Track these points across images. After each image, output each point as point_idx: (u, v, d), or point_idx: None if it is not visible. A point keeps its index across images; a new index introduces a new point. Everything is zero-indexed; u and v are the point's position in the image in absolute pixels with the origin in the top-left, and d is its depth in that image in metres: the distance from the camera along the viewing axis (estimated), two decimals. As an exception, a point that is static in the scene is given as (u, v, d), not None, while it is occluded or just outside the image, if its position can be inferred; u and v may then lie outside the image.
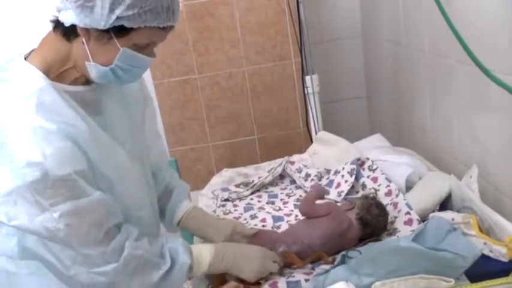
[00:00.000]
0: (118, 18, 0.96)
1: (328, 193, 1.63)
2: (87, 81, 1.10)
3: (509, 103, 1.24)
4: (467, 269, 1.05)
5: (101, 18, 0.96)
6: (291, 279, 1.24)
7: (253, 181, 1.84)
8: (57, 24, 1.02)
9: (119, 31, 0.99)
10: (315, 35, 2.36)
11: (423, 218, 1.38)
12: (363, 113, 2.63)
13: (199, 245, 1.20)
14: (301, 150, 2.16)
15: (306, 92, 2.22)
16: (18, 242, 1.08)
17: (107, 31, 0.98)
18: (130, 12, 0.96)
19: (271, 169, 1.90)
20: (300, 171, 1.84)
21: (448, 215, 1.29)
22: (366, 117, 2.64)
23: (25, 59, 1.06)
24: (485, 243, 1.19)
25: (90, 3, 0.95)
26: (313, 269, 1.27)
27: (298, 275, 1.25)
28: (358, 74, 2.58)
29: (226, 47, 2.37)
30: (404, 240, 1.11)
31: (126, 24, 0.97)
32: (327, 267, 1.16)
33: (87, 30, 0.99)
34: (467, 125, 1.54)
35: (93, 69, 1.04)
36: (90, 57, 1.02)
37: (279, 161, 1.96)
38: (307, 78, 2.17)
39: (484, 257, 1.15)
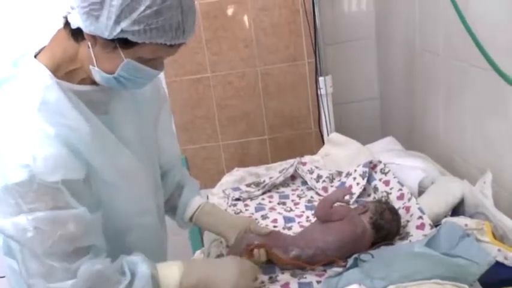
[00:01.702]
0: (123, 31, 0.94)
1: (352, 195, 1.62)
2: (94, 82, 1.09)
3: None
4: (481, 276, 1.05)
5: (106, 29, 0.95)
6: (302, 280, 1.24)
7: (264, 181, 1.84)
8: (67, 23, 1.02)
9: (124, 43, 0.97)
10: (329, 36, 2.35)
11: (435, 223, 1.37)
12: (375, 115, 2.62)
13: (168, 262, 1.15)
14: (313, 151, 2.15)
15: (319, 93, 2.22)
16: (4, 239, 1.10)
17: (112, 40, 0.97)
18: (135, 28, 0.94)
19: (283, 169, 1.90)
20: (311, 172, 1.83)
21: (461, 220, 1.29)
22: (379, 120, 2.63)
23: (35, 55, 1.07)
24: (499, 250, 1.18)
25: (96, 13, 0.94)
26: (324, 271, 1.27)
27: (310, 277, 1.25)
28: (371, 76, 2.57)
29: (240, 46, 2.37)
30: (418, 245, 1.10)
31: (131, 38, 0.96)
32: (339, 269, 1.16)
33: (93, 36, 0.98)
34: (481, 129, 1.53)
35: (97, 75, 1.04)
36: (94, 62, 1.01)
37: (290, 161, 1.95)
38: (321, 79, 2.16)
39: (498, 264, 1.15)
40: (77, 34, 1.00)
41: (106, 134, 1.10)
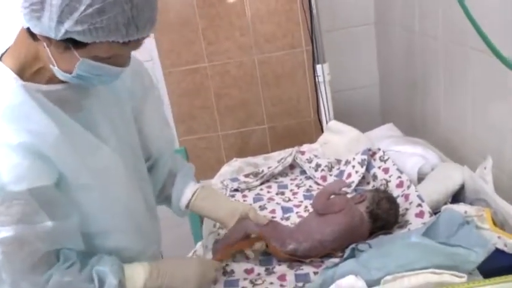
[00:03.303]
0: (67, 31, 0.88)
1: (349, 186, 1.60)
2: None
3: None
4: (480, 263, 1.03)
5: (50, 30, 0.89)
6: (299, 272, 1.23)
7: (262, 171, 1.82)
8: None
9: (75, 42, 0.91)
10: (327, 23, 2.31)
11: (435, 210, 1.35)
12: (375, 101, 2.59)
13: (134, 263, 1.11)
14: (312, 139, 2.13)
15: (316, 80, 2.19)
16: None
17: (63, 40, 0.91)
18: (79, 28, 0.88)
19: (281, 159, 1.88)
20: (310, 161, 1.81)
21: (460, 207, 1.27)
22: (378, 107, 2.60)
23: (0, 57, 1.02)
24: (499, 237, 1.16)
25: (38, 14, 0.88)
26: (322, 262, 1.26)
27: (307, 268, 1.24)
28: (371, 62, 2.53)
29: (236, 35, 2.34)
30: (415, 234, 1.08)
31: (77, 38, 0.90)
32: (336, 260, 1.14)
33: (47, 37, 0.92)
34: (482, 114, 1.50)
35: (58, 74, 0.99)
36: (53, 61, 0.96)
37: (289, 151, 1.93)
38: (318, 66, 2.13)
39: (498, 251, 1.13)
40: (33, 33, 0.94)
41: (80, 132, 1.05)
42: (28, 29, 0.94)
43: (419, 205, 1.35)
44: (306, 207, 1.57)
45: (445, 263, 0.99)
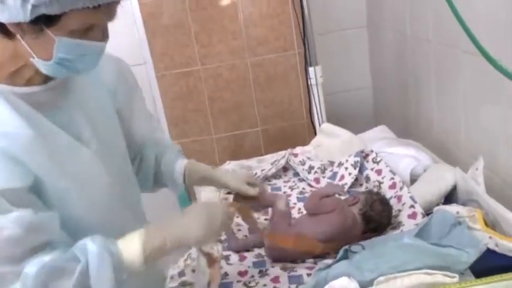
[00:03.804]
0: (34, 6, 0.84)
1: (343, 191, 1.60)
2: (47, 78, 1.01)
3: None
4: (472, 264, 1.03)
5: (17, 11, 0.85)
6: (293, 273, 1.23)
7: (256, 174, 1.83)
8: None
9: (47, 20, 0.87)
10: (320, 26, 2.32)
11: (428, 211, 1.36)
12: (368, 104, 2.60)
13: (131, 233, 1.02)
14: (305, 142, 2.14)
15: (309, 83, 2.19)
16: None
17: (35, 23, 0.87)
18: None
19: (275, 161, 1.88)
20: (303, 163, 1.82)
21: (453, 208, 1.27)
22: (372, 109, 2.61)
23: None
24: (490, 238, 1.17)
25: None
26: (315, 263, 1.26)
27: (301, 270, 1.24)
28: (363, 65, 2.55)
29: (229, 38, 2.34)
30: (408, 235, 1.09)
31: (46, 11, 0.85)
32: (329, 261, 1.14)
33: (19, 26, 0.88)
34: (474, 116, 1.51)
35: (41, 66, 0.95)
36: (32, 53, 0.92)
37: (282, 153, 1.94)
38: (311, 69, 2.14)
39: (489, 251, 1.13)
40: (6, 31, 0.90)
41: (58, 135, 1.01)
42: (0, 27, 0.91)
43: (412, 206, 1.36)
44: (299, 209, 1.58)
45: (437, 263, 0.99)
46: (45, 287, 0.90)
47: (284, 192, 1.73)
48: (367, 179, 1.63)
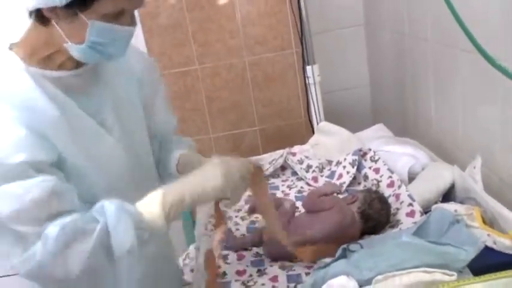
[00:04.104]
0: None
1: (341, 190, 1.60)
2: (78, 64, 1.07)
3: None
4: (470, 261, 1.03)
5: None
6: (291, 272, 1.23)
7: (254, 173, 1.82)
8: (30, 12, 0.99)
9: (81, 4, 0.93)
10: (317, 25, 2.32)
11: (426, 210, 1.36)
12: (365, 102, 2.60)
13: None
14: (303, 140, 2.13)
15: (307, 82, 2.19)
16: None
17: (69, 7, 0.93)
18: None
19: (272, 160, 1.88)
20: (301, 162, 1.82)
21: (451, 206, 1.27)
22: (369, 107, 2.61)
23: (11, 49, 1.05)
24: (488, 235, 1.17)
25: None
26: (314, 262, 1.26)
27: (299, 269, 1.24)
28: (361, 64, 2.55)
29: (227, 37, 2.34)
30: (406, 234, 1.09)
31: None
32: (328, 260, 1.14)
33: (54, 11, 0.94)
34: (472, 115, 1.51)
35: (73, 50, 1.00)
36: (65, 37, 0.98)
37: (280, 152, 1.94)
38: (308, 68, 2.14)
39: (487, 249, 1.13)
40: (42, 18, 0.97)
41: (83, 119, 1.06)
42: (36, 13, 0.97)
43: (410, 204, 1.36)
44: (297, 208, 1.58)
45: (436, 261, 0.99)
46: (66, 247, 0.92)
47: (282, 191, 1.73)
48: (365, 177, 1.63)
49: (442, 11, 1.16)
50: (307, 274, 1.21)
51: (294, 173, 1.84)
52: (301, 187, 1.74)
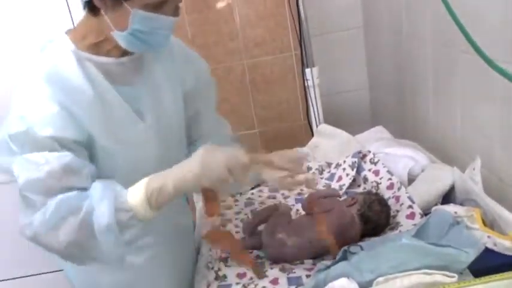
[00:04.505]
0: None
1: (339, 195, 1.60)
2: (124, 53, 1.14)
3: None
4: (470, 263, 1.03)
5: None
6: (291, 275, 1.23)
7: (253, 175, 1.82)
8: (84, 3, 1.08)
9: None
10: (316, 27, 2.33)
11: (426, 211, 1.36)
12: (364, 105, 2.61)
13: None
14: (303, 143, 2.13)
15: (306, 84, 2.20)
16: None
17: None
18: None
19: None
20: (301, 164, 1.81)
21: (451, 208, 1.27)
22: (369, 110, 2.61)
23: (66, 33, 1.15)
24: (489, 237, 1.16)
25: None
26: (314, 264, 1.26)
27: (299, 271, 1.24)
28: (360, 66, 2.55)
29: (225, 40, 2.35)
30: (406, 235, 1.09)
31: None
32: (328, 263, 1.14)
33: (103, 1, 1.03)
34: (471, 116, 1.51)
35: (119, 38, 1.07)
36: (112, 26, 1.06)
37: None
38: (307, 70, 2.14)
39: (487, 250, 1.13)
40: (93, 8, 1.06)
41: (119, 104, 1.13)
42: (87, 4, 1.06)
43: (410, 206, 1.36)
44: (297, 210, 1.57)
45: (436, 263, 0.99)
46: (59, 220, 1.01)
47: (282, 194, 1.73)
48: (365, 179, 1.63)
49: (441, 12, 1.16)
50: (307, 276, 1.20)
51: (294, 176, 1.84)
52: (301, 189, 1.73)
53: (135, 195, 1.03)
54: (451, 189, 1.43)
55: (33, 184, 1.02)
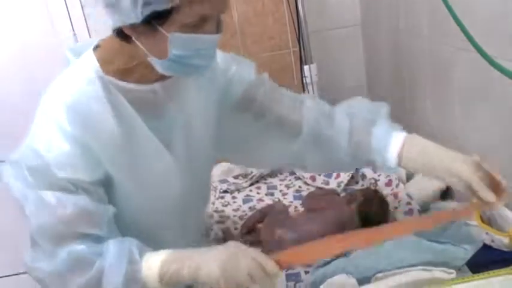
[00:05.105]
0: (145, 4, 0.84)
1: (338, 194, 1.60)
2: (160, 77, 1.00)
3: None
4: (469, 259, 1.04)
5: (129, 12, 0.86)
6: (290, 271, 1.23)
7: (251, 172, 1.83)
8: (115, 34, 0.95)
9: (159, 17, 0.86)
10: (314, 24, 2.32)
11: (424, 208, 1.36)
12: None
13: (159, 251, 0.98)
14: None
15: (304, 81, 2.20)
16: None
17: (148, 22, 0.87)
18: None
19: (270, 160, 1.88)
20: (299, 162, 1.82)
21: (449, 204, 1.28)
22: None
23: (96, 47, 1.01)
24: (487, 233, 1.17)
25: (112, 4, 0.87)
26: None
27: (298, 267, 1.24)
28: (358, 63, 2.55)
29: (224, 37, 2.33)
30: (405, 231, 1.09)
31: (157, 7, 0.85)
32: (327, 259, 1.15)
33: (134, 29, 0.90)
34: (468, 113, 1.51)
35: (157, 65, 0.94)
36: (147, 53, 0.92)
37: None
38: (306, 67, 2.14)
39: (485, 247, 1.14)
40: (123, 34, 0.93)
41: (148, 139, 1.02)
42: (117, 33, 0.93)
43: (409, 203, 1.37)
44: (296, 207, 1.58)
45: (435, 259, 1.00)
46: (67, 272, 0.95)
47: (280, 191, 1.73)
48: (363, 176, 1.63)
49: (439, 9, 1.16)
50: (306, 273, 1.21)
51: (292, 173, 1.84)
52: (299, 186, 1.74)
53: (150, 268, 0.95)
54: (449, 186, 1.43)
55: (44, 230, 0.96)
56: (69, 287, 0.96)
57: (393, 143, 1.09)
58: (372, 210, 1.32)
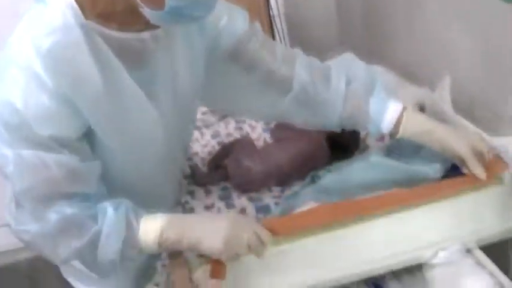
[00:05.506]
0: None
1: None
2: (148, 26, 0.90)
3: (479, 6, 1.19)
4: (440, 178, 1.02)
5: None
6: (259, 203, 1.21)
7: (220, 109, 1.77)
8: None
9: None
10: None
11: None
12: (332, 28, 2.51)
13: (156, 214, 0.95)
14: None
15: (271, 14, 2.11)
16: None
17: None
18: None
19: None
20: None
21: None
22: (335, 30, 2.52)
23: None
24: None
25: None
26: (282, 192, 1.23)
27: (267, 199, 1.22)
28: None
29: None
30: (374, 154, 1.06)
31: None
32: (296, 188, 1.12)
33: None
34: (438, 35, 1.47)
35: (152, 17, 0.86)
36: (140, 3, 0.84)
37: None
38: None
39: (456, 166, 1.12)
40: None
41: (132, 92, 0.95)
42: None
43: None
44: (264, 139, 1.54)
45: (405, 180, 0.98)
46: (59, 236, 0.91)
47: (249, 125, 1.67)
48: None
49: None
50: (276, 204, 1.18)
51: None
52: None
53: (148, 234, 0.92)
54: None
55: (28, 192, 0.90)
56: (60, 249, 0.92)
57: (390, 113, 1.08)
58: (341, 136, 1.28)
